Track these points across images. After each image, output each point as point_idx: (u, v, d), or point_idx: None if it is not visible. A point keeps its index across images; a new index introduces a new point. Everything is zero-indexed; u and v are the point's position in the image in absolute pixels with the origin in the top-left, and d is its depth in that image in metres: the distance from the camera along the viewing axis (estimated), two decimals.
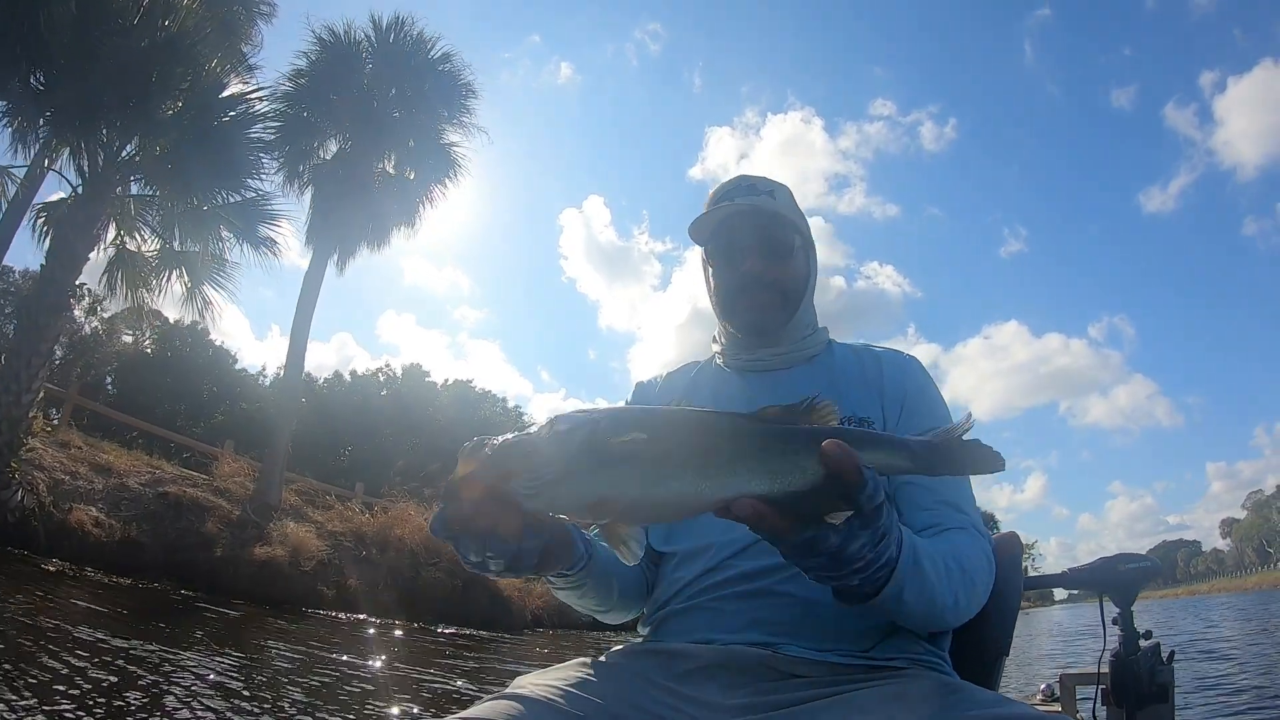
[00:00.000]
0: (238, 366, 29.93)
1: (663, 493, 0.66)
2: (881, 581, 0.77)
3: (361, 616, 10.27)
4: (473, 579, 13.11)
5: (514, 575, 0.83)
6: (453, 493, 0.71)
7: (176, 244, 10.45)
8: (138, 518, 9.88)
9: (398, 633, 9.75)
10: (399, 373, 31.86)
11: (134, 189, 10.35)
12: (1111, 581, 1.49)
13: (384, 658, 7.20)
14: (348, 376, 31.19)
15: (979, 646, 1.14)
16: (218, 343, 29.16)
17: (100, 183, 9.66)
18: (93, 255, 10.21)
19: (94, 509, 9.81)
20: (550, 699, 0.93)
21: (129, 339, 27.90)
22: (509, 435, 0.70)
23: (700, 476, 0.66)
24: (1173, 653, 1.52)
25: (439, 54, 12.95)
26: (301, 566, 10.34)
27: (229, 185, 10.22)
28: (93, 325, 25.66)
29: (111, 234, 10.39)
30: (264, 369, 32.73)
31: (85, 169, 9.78)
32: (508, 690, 0.96)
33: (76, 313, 25.12)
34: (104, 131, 9.46)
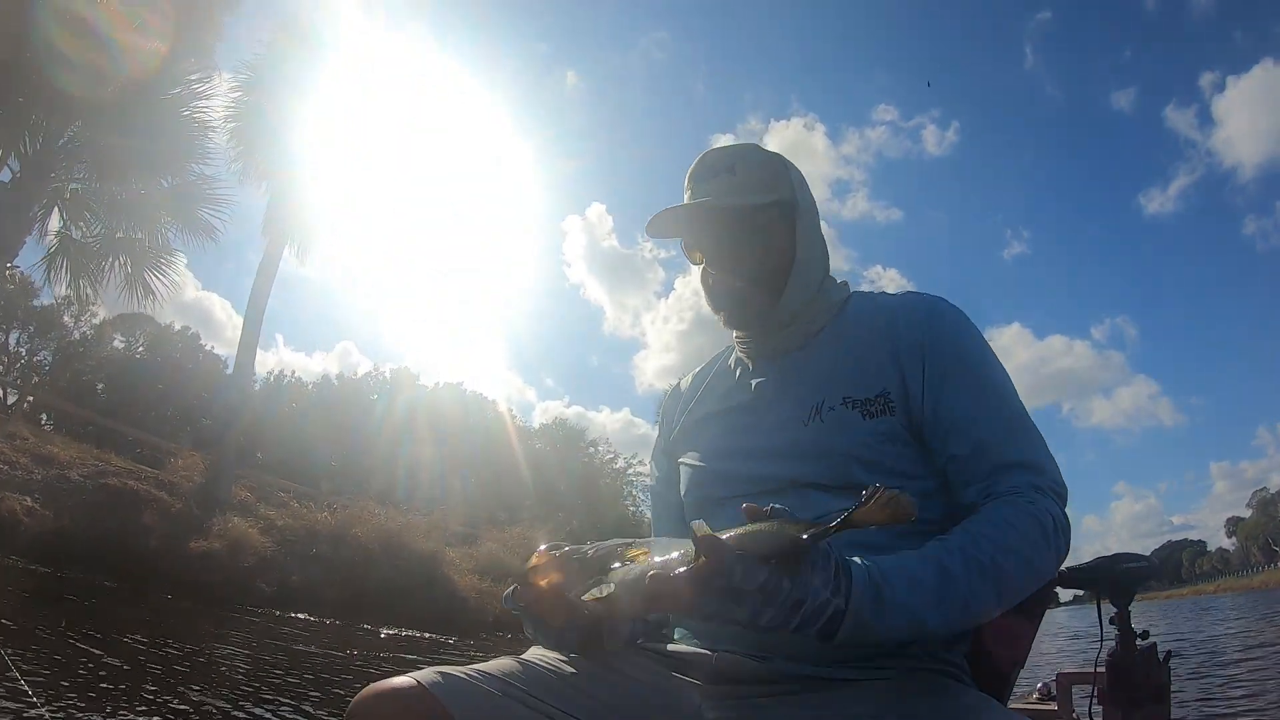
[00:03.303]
0: (228, 371, 29.87)
1: (640, 601, 0.76)
2: (832, 629, 0.76)
3: (302, 615, 9.90)
4: (431, 579, 12.78)
5: (561, 652, 1.00)
6: (523, 581, 0.90)
7: (120, 232, 10.24)
8: (72, 508, 9.61)
9: (311, 629, 9.38)
10: (389, 376, 31.80)
11: (78, 173, 10.19)
12: (1109, 581, 1.47)
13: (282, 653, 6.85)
14: (335, 380, 31.13)
15: (996, 654, 1.11)
16: (208, 348, 29.17)
17: (37, 166, 9.50)
18: (37, 241, 10.09)
19: (29, 499, 9.56)
20: (552, 668, 0.97)
21: (120, 345, 27.96)
22: (568, 548, 0.87)
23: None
24: (1169, 653, 1.51)
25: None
26: (241, 562, 10.01)
27: (171, 169, 10.03)
28: (81, 331, 25.70)
29: (56, 223, 10.25)
30: (254, 374, 32.56)
31: (27, 151, 9.65)
32: (520, 656, 1.01)
33: (66, 319, 25.21)
34: (38, 114, 9.32)
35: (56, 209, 10.14)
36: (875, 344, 1.05)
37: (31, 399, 24.34)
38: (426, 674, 0.88)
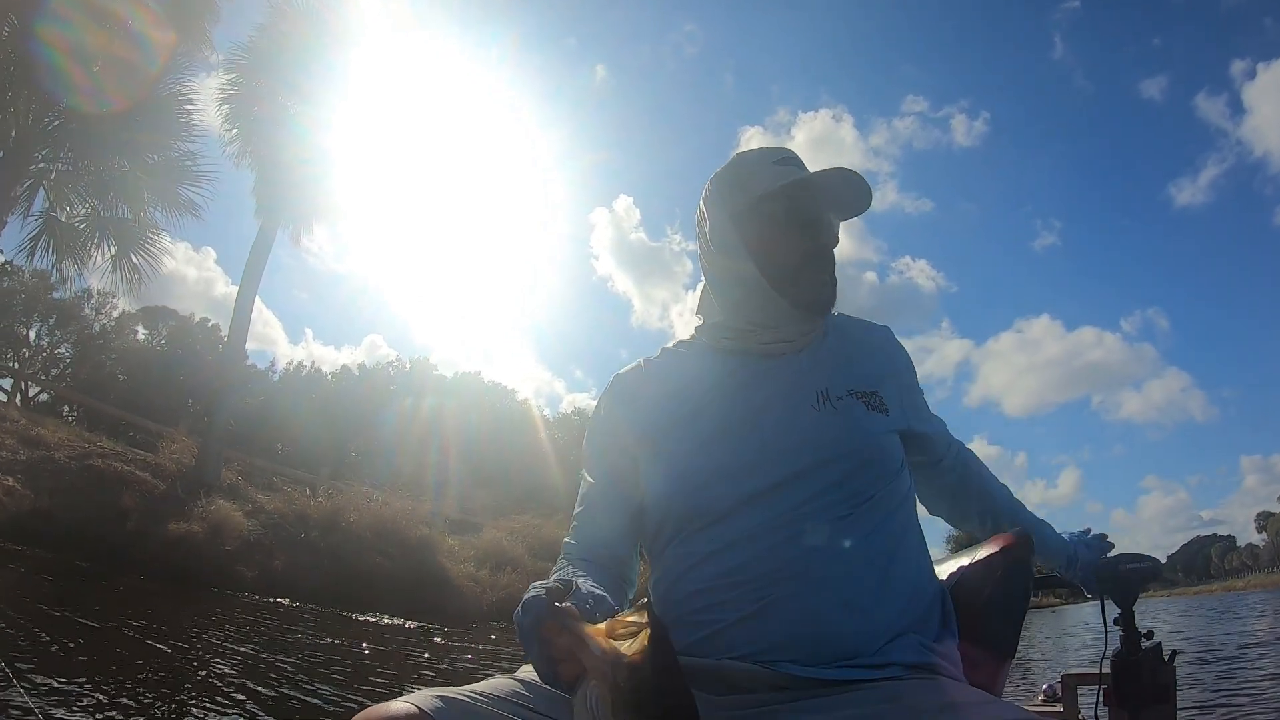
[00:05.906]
0: (248, 362, 30.18)
1: None
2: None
3: (283, 601, 9.71)
4: (423, 567, 12.54)
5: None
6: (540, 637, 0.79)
7: (104, 209, 10.14)
8: (53, 489, 9.55)
9: (278, 613, 9.17)
10: (409, 366, 31.90)
11: (63, 153, 10.11)
12: (1112, 582, 1.48)
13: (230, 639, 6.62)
14: (356, 371, 31.29)
15: (985, 650, 1.16)
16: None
17: (20, 146, 9.43)
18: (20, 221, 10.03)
19: (10, 479, 9.52)
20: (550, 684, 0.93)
21: (143, 337, 28.39)
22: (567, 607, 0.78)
23: None
24: (1174, 653, 1.52)
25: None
26: (223, 545, 9.86)
27: (156, 149, 9.91)
28: (102, 323, 26.12)
29: (41, 203, 10.18)
30: (273, 364, 32.96)
31: (12, 132, 9.60)
32: (515, 673, 0.98)
33: (86, 311, 25.63)
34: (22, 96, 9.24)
35: (42, 189, 10.07)
36: (865, 354, 1.18)
37: (52, 391, 24.77)
38: (426, 699, 0.86)
